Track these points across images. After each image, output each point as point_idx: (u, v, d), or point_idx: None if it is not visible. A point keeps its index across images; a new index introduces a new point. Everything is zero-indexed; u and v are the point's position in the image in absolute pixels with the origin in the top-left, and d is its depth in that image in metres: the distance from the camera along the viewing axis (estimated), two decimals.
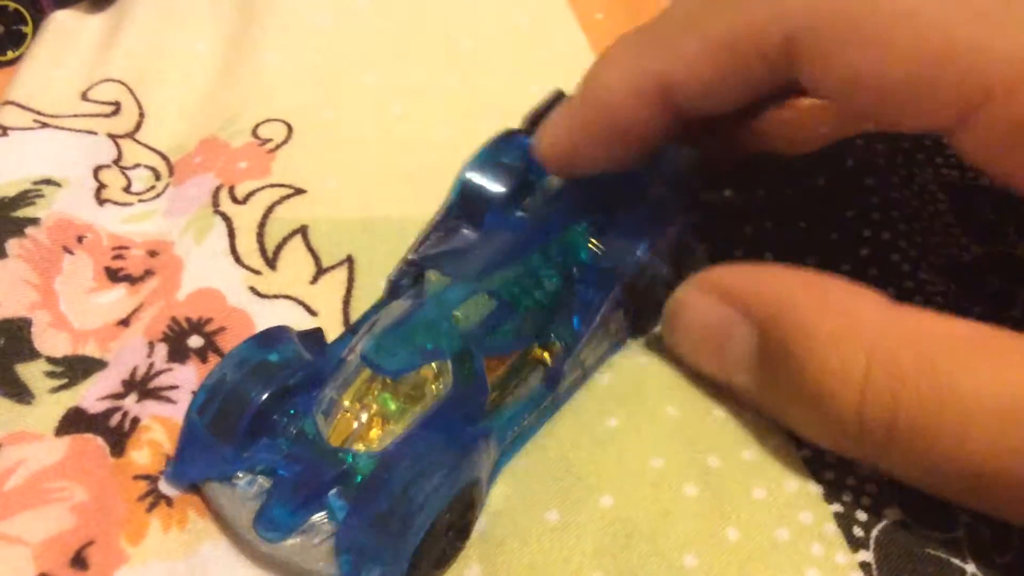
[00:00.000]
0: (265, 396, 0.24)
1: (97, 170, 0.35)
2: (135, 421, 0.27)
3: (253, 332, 0.29)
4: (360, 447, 0.24)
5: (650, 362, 0.29)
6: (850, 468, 0.26)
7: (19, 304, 0.30)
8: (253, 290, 0.31)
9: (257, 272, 0.31)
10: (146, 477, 0.26)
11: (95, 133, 0.37)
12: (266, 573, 0.24)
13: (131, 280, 0.32)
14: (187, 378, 0.28)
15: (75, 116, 0.37)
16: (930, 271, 0.31)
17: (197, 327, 0.30)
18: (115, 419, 0.27)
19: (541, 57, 0.42)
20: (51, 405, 0.28)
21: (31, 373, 0.28)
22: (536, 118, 0.30)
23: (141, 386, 0.28)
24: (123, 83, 0.39)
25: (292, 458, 0.24)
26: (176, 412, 0.27)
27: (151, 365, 0.29)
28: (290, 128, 0.37)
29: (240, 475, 0.25)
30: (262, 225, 0.33)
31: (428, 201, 0.34)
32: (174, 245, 0.32)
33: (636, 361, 0.29)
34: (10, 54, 0.40)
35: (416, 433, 0.24)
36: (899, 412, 0.21)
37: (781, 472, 0.26)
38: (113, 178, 0.35)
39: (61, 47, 0.40)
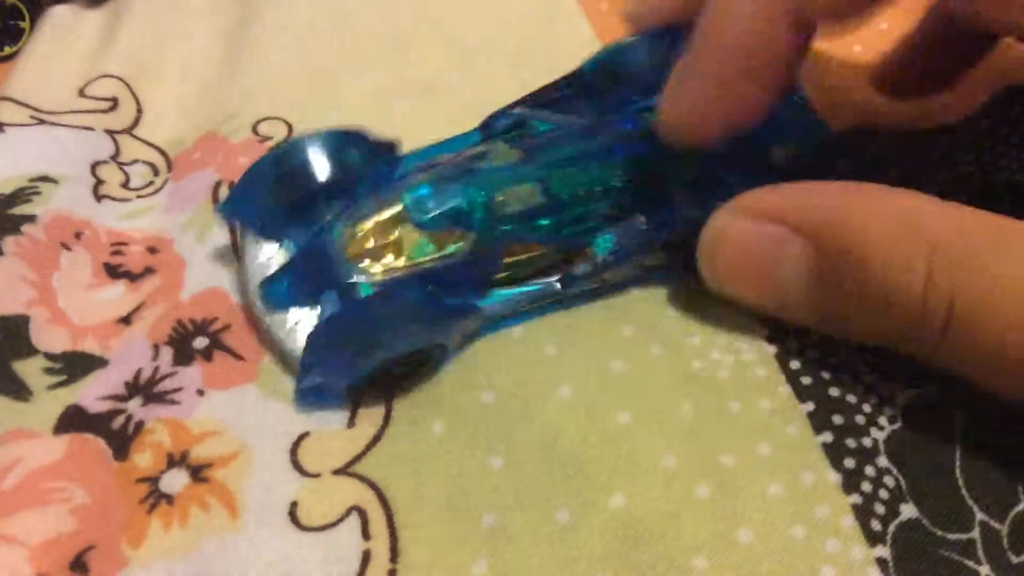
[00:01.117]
0: (324, 180, 0.28)
1: (95, 166, 0.35)
2: (139, 425, 0.27)
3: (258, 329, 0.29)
4: (370, 266, 0.27)
5: (663, 354, 0.29)
6: (870, 456, 0.26)
7: (16, 301, 0.29)
8: None
9: None
10: (148, 480, 0.26)
11: (92, 129, 0.36)
12: (268, 564, 0.24)
13: (131, 277, 0.31)
14: (192, 378, 0.28)
15: (72, 112, 0.37)
16: None
17: (202, 328, 0.29)
18: (118, 422, 0.27)
19: (546, 51, 0.41)
20: (49, 402, 0.27)
21: (29, 370, 0.28)
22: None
23: (146, 390, 0.28)
24: (121, 79, 0.38)
25: (311, 250, 0.27)
26: (180, 412, 0.27)
27: (156, 369, 0.28)
28: (290, 127, 0.36)
29: (271, 241, 0.28)
30: None
31: None
32: (174, 242, 0.32)
33: (649, 352, 0.29)
34: (7, 50, 0.40)
35: (411, 282, 0.26)
36: (956, 299, 0.22)
37: (798, 464, 0.26)
38: (111, 174, 0.35)
39: (59, 43, 0.40)
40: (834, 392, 0.28)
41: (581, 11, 0.43)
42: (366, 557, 0.24)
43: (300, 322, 0.27)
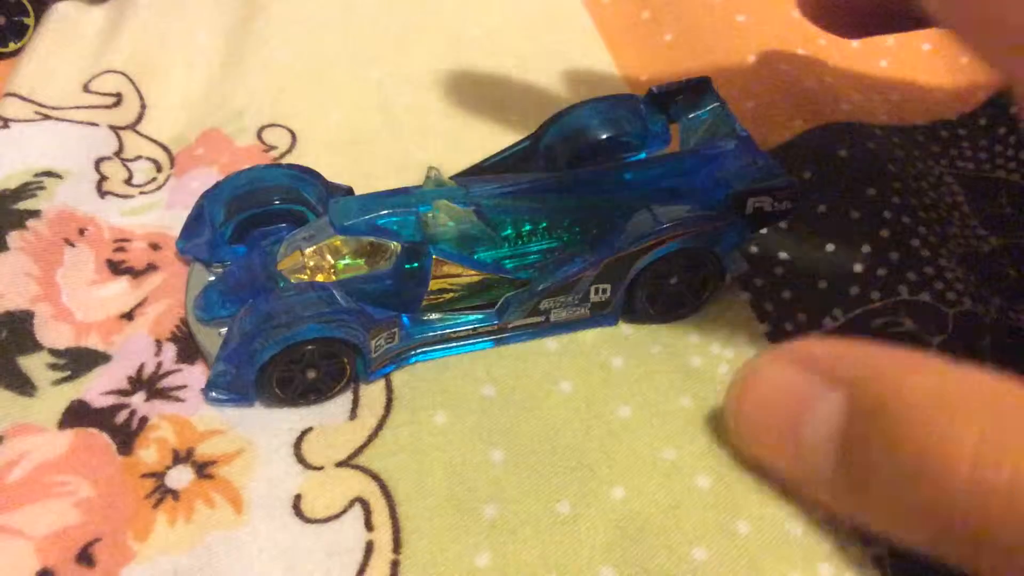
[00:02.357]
0: (259, 210, 0.29)
1: (98, 162, 0.35)
2: (143, 420, 0.27)
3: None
4: (299, 277, 0.28)
5: (662, 350, 0.29)
6: None
7: (21, 297, 0.30)
8: None
9: None
10: (153, 475, 0.26)
11: (96, 125, 0.36)
12: (272, 558, 0.24)
13: (133, 273, 0.31)
14: (197, 378, 0.28)
15: (76, 108, 0.37)
16: (950, 259, 0.31)
17: None
18: (122, 416, 0.27)
19: (548, 45, 0.41)
20: (54, 398, 0.27)
21: (33, 365, 0.28)
22: (662, 91, 0.31)
23: (149, 386, 0.28)
24: (125, 74, 0.39)
25: (244, 264, 0.29)
26: (185, 409, 0.27)
27: (159, 364, 0.28)
28: (294, 136, 0.37)
29: (215, 264, 0.30)
30: None
31: None
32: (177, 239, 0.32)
33: (648, 351, 0.29)
34: (11, 45, 0.40)
35: (344, 286, 0.27)
36: (1011, 474, 0.19)
37: None
38: (114, 170, 0.35)
39: (63, 38, 0.40)
40: None
41: (583, 5, 0.43)
42: (369, 548, 0.24)
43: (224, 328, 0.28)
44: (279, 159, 0.36)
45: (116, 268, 0.31)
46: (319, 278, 0.28)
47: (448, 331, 0.28)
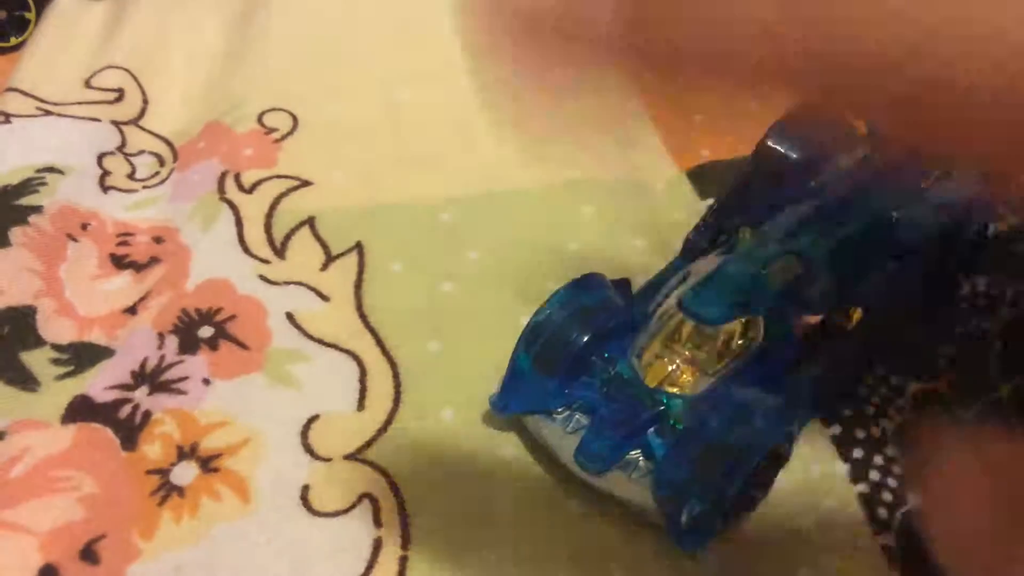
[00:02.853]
0: (587, 338, 0.26)
1: (101, 157, 0.35)
2: (147, 415, 0.27)
3: (265, 317, 0.29)
4: (674, 390, 0.25)
5: None
6: (878, 447, 0.26)
7: (23, 292, 0.29)
8: (263, 278, 0.30)
9: (266, 261, 0.31)
10: (158, 472, 0.26)
11: (98, 120, 0.36)
12: (278, 550, 0.24)
13: (137, 267, 0.31)
14: (197, 368, 0.28)
15: (79, 103, 0.37)
16: None
17: (207, 317, 0.29)
18: (125, 411, 0.27)
19: None
20: (57, 393, 0.27)
21: (36, 360, 0.28)
22: None
23: (152, 379, 0.28)
24: (127, 70, 0.38)
25: (611, 397, 0.25)
26: (188, 402, 0.27)
27: (162, 358, 0.28)
28: (295, 119, 0.36)
29: (559, 410, 0.26)
30: (269, 216, 0.32)
31: (437, 185, 0.34)
32: (180, 232, 0.32)
33: None
34: (13, 40, 0.40)
35: (732, 382, 0.25)
36: None
37: (808, 456, 0.26)
38: (117, 165, 0.35)
39: (64, 34, 0.40)
40: None
41: None
42: (377, 544, 0.24)
43: (633, 469, 0.25)
44: (280, 141, 0.35)
45: (119, 262, 0.31)
46: (686, 379, 0.25)
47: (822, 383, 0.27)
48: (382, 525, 0.25)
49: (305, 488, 0.25)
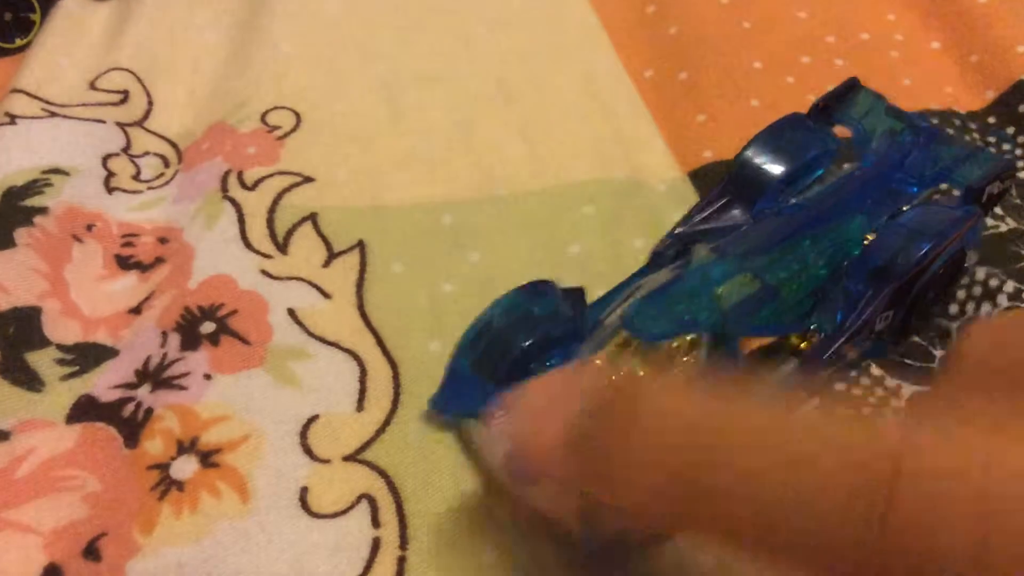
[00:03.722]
0: (527, 344, 0.25)
1: (106, 159, 0.35)
2: (148, 412, 0.27)
3: (266, 312, 0.29)
4: None
5: None
6: None
7: (29, 293, 0.30)
8: (265, 273, 0.31)
9: (268, 256, 0.31)
10: (159, 466, 0.26)
11: (103, 122, 0.36)
12: (278, 551, 0.24)
13: (142, 268, 0.31)
14: (198, 363, 0.28)
15: (83, 105, 0.37)
16: None
17: (209, 313, 0.29)
18: (128, 409, 0.27)
19: (553, 41, 0.41)
20: (62, 393, 0.27)
21: (41, 361, 0.28)
22: (826, 102, 0.30)
23: (155, 377, 0.28)
24: (131, 72, 0.39)
25: None
26: (188, 397, 0.27)
27: (164, 355, 0.28)
28: (298, 117, 0.37)
29: (497, 415, 0.25)
30: (271, 211, 0.33)
31: (439, 186, 0.34)
32: (184, 232, 0.32)
33: None
34: (18, 42, 0.40)
35: None
36: None
37: None
38: (122, 166, 0.35)
39: (69, 35, 0.40)
40: (840, 386, 0.28)
41: (587, 4, 0.43)
42: (376, 545, 0.24)
43: None
44: (283, 139, 0.35)
45: (124, 263, 0.31)
46: None
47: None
48: (381, 525, 0.25)
49: (304, 490, 0.25)
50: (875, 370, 0.28)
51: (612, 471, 0.18)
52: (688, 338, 0.25)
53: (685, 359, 0.25)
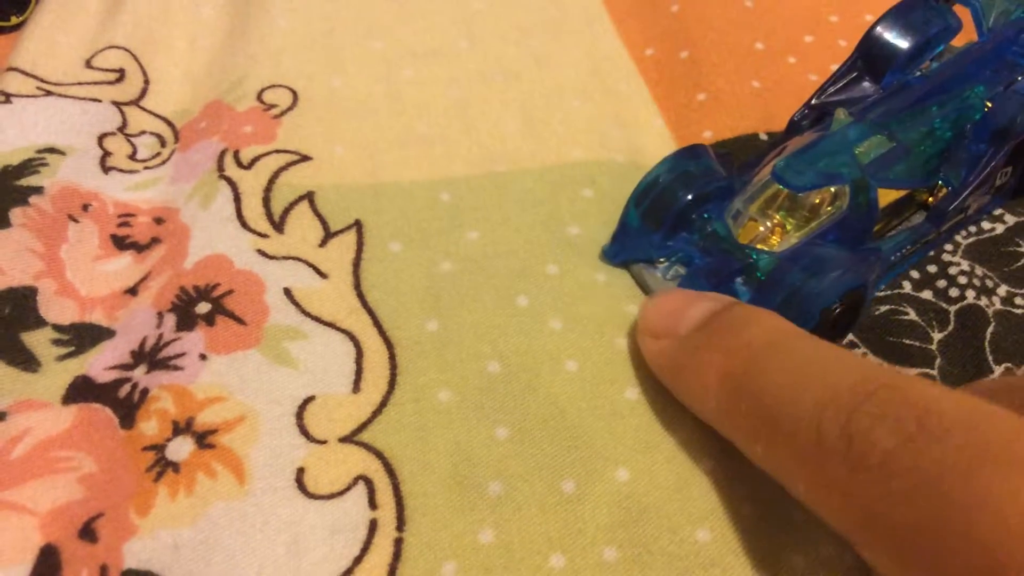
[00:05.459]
0: (689, 197, 0.30)
1: (102, 138, 0.35)
2: (144, 392, 0.27)
3: (263, 292, 0.29)
4: (762, 247, 0.29)
5: None
6: None
7: (24, 273, 0.29)
8: (261, 252, 0.30)
9: (264, 235, 0.31)
10: (154, 447, 0.26)
11: (99, 101, 0.36)
12: (274, 532, 0.24)
13: (138, 248, 0.31)
14: (194, 344, 0.28)
15: (79, 84, 0.37)
16: (955, 252, 0.33)
17: (204, 293, 0.29)
18: (124, 390, 0.27)
19: (551, 17, 0.41)
20: (58, 373, 0.27)
21: (37, 341, 0.28)
22: None
23: (150, 357, 0.28)
24: (128, 50, 0.38)
25: (706, 250, 0.29)
26: (184, 378, 0.27)
27: (160, 336, 0.28)
28: (295, 95, 0.36)
29: (661, 261, 0.31)
30: (268, 190, 0.32)
31: (438, 164, 0.34)
32: (180, 212, 0.32)
33: None
34: (13, 19, 0.40)
35: (812, 242, 0.28)
36: None
37: None
38: (118, 145, 0.35)
39: (65, 13, 0.39)
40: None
41: None
42: (373, 526, 0.24)
43: None
44: (279, 117, 0.35)
45: (121, 243, 0.31)
46: (775, 240, 0.29)
47: (898, 248, 0.30)
48: (377, 507, 0.25)
49: (300, 471, 0.25)
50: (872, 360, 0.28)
51: (699, 357, 0.24)
52: (831, 190, 0.28)
53: (828, 209, 0.29)
